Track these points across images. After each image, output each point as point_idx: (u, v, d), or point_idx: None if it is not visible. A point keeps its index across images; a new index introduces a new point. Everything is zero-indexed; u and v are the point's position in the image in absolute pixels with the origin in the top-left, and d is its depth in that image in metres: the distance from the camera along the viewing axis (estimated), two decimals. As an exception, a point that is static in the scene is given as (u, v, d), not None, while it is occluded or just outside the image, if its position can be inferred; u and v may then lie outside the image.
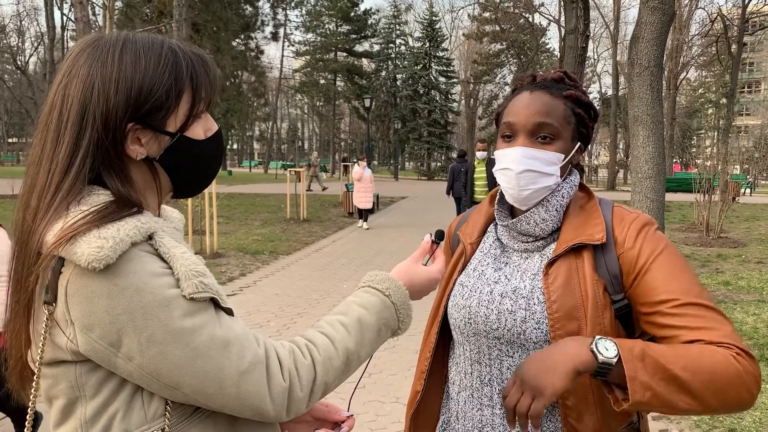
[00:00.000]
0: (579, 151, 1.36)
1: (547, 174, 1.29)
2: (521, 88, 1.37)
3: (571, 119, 1.32)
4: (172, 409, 0.94)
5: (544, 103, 1.30)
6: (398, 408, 4.33)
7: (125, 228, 0.90)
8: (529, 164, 1.28)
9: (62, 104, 0.95)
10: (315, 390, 1.02)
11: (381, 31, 54.80)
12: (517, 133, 1.31)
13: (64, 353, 0.91)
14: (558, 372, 1.07)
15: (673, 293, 1.18)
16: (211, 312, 0.94)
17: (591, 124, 1.36)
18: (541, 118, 1.28)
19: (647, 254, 1.23)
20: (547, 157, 1.29)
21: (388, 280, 1.17)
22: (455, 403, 1.41)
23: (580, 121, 1.33)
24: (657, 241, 1.25)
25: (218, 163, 1.11)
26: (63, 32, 39.34)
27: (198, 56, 1.04)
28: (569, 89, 1.33)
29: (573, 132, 1.32)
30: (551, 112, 1.29)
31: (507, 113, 1.34)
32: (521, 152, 1.28)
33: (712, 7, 34.15)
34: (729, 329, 1.15)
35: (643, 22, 6.61)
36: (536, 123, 1.28)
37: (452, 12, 70.19)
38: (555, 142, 1.30)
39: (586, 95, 1.37)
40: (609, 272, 1.25)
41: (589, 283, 1.23)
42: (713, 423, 4.06)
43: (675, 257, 1.23)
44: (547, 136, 1.29)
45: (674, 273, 1.20)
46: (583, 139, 1.36)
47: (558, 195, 1.33)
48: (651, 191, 6.57)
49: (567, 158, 1.32)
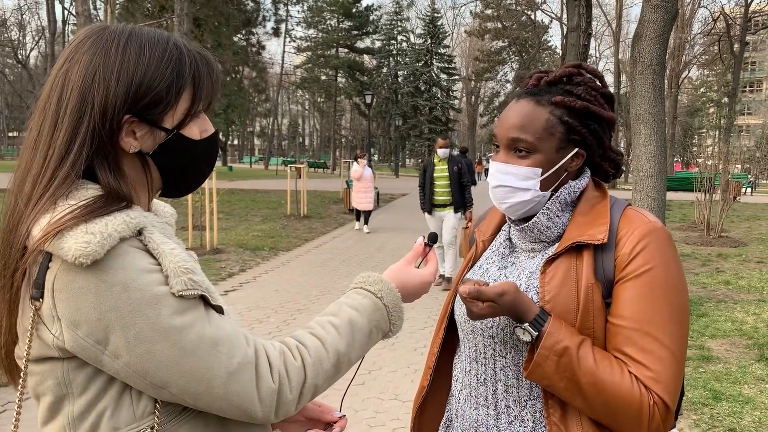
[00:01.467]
0: (578, 157, 1.30)
1: (522, 189, 1.28)
2: (516, 93, 1.36)
3: (557, 129, 1.27)
4: (161, 408, 0.93)
5: (524, 115, 1.27)
6: (397, 405, 4.32)
7: (113, 223, 0.88)
8: (501, 179, 1.30)
9: (62, 89, 0.94)
10: (304, 392, 1.00)
11: (382, 27, 54.74)
12: (499, 144, 1.33)
13: (50, 350, 0.89)
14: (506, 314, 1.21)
15: (630, 318, 1.17)
16: (200, 310, 0.92)
17: (586, 131, 1.29)
18: (516, 133, 1.27)
19: (635, 266, 1.19)
20: (521, 172, 1.28)
21: (380, 282, 1.15)
22: (456, 401, 1.41)
23: (569, 129, 1.28)
24: (654, 255, 1.19)
25: (210, 166, 1.09)
26: (64, 26, 39.28)
27: (202, 56, 1.03)
28: (563, 94, 1.28)
29: (560, 142, 1.28)
30: (527, 126, 1.27)
31: (496, 122, 1.35)
32: (495, 167, 1.32)
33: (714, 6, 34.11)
34: (668, 374, 1.14)
35: (645, 20, 6.58)
36: (511, 138, 1.29)
37: (454, 9, 70.16)
38: (531, 155, 1.28)
39: (589, 93, 1.29)
40: (605, 275, 1.22)
41: (584, 286, 1.21)
42: (712, 423, 4.05)
43: (659, 280, 1.18)
44: (523, 149, 1.28)
45: (647, 297, 1.17)
46: (584, 143, 1.30)
47: (557, 201, 1.30)
48: (652, 190, 6.55)
49: (551, 170, 1.28)
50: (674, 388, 1.14)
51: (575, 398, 1.16)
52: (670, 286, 1.18)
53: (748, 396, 4.46)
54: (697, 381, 4.74)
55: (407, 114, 50.97)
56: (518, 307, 1.19)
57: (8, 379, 0.99)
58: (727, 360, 5.24)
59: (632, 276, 1.19)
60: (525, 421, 1.26)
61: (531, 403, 1.26)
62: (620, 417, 1.14)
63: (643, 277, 1.18)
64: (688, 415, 4.19)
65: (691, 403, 4.36)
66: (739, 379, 4.79)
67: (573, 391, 1.15)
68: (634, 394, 1.13)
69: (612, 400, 1.14)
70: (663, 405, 1.13)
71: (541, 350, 1.15)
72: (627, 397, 1.13)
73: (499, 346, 1.29)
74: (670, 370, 1.14)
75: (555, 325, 1.17)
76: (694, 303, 7.13)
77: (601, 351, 1.18)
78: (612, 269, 1.22)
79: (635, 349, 1.15)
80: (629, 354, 1.16)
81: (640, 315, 1.16)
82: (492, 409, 1.31)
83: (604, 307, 1.21)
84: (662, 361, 1.14)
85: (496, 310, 1.19)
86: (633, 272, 1.19)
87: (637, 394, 1.13)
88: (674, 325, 1.16)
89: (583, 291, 1.21)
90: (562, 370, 1.14)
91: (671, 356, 1.14)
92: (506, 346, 1.28)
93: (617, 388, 1.13)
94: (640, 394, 1.13)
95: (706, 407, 4.28)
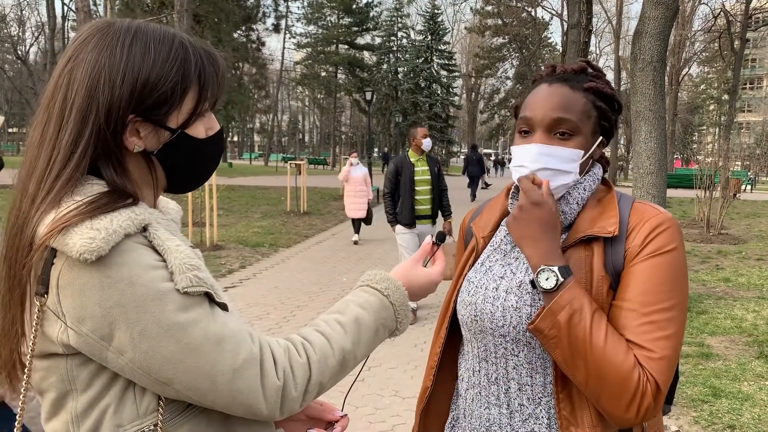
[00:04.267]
0: (601, 146, 1.32)
1: (565, 172, 1.25)
2: (540, 80, 1.33)
3: (592, 113, 1.27)
4: (165, 405, 0.93)
5: (563, 96, 1.25)
6: (397, 401, 4.33)
7: (119, 219, 0.88)
8: (545, 162, 1.24)
9: (67, 88, 0.93)
10: (309, 389, 1.00)
11: (383, 23, 54.56)
12: (534, 128, 1.26)
13: (55, 346, 0.89)
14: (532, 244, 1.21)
15: (632, 299, 1.17)
16: (205, 307, 0.92)
17: (614, 117, 1.32)
18: (559, 113, 1.24)
19: (646, 252, 1.19)
20: (565, 154, 1.24)
21: (387, 280, 1.15)
22: (463, 401, 1.39)
23: (601, 114, 1.29)
24: (665, 241, 1.19)
25: (216, 163, 1.09)
26: (64, 22, 39.18)
27: (209, 54, 1.02)
28: (591, 81, 1.29)
29: (594, 126, 1.28)
30: (570, 107, 1.24)
31: (525, 107, 1.29)
32: (537, 149, 1.24)
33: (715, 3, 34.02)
34: (664, 355, 1.12)
35: (646, 17, 6.57)
36: (554, 118, 1.24)
37: (454, 5, 70.01)
38: (574, 138, 1.25)
39: (609, 86, 1.31)
40: (614, 267, 1.22)
41: (596, 278, 1.20)
42: (712, 420, 4.05)
43: (666, 264, 1.18)
44: (566, 131, 1.24)
45: (652, 279, 1.17)
46: (605, 133, 1.32)
47: (580, 188, 1.29)
48: (652, 187, 6.55)
49: (587, 154, 1.27)
50: (668, 370, 1.13)
51: (576, 361, 1.13)
52: (676, 272, 1.18)
53: (748, 393, 4.46)
54: (697, 378, 4.75)
55: (407, 111, 50.86)
56: (553, 236, 1.20)
57: (7, 376, 0.99)
58: (727, 357, 5.25)
59: (641, 260, 1.19)
60: (540, 418, 1.25)
61: (545, 400, 1.25)
62: (608, 386, 1.12)
63: (651, 261, 1.18)
64: (688, 411, 4.20)
65: (690, 399, 4.37)
66: (739, 376, 4.80)
67: (577, 352, 1.13)
68: (633, 370, 1.11)
69: (610, 372, 1.11)
70: (655, 384, 1.11)
71: (559, 299, 1.13)
72: (628, 371, 1.10)
73: (511, 344, 1.27)
74: (666, 351, 1.13)
75: (577, 284, 1.16)
76: (694, 300, 7.14)
77: (611, 326, 1.17)
78: (621, 261, 1.21)
79: (634, 326, 1.15)
80: (628, 331, 1.15)
81: (642, 296, 1.16)
82: (505, 408, 1.29)
83: (611, 299, 1.21)
84: (659, 342, 1.13)
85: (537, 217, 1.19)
86: (643, 257, 1.19)
87: (636, 372, 1.11)
88: (675, 310, 1.16)
89: (595, 281, 1.20)
90: (574, 324, 1.12)
91: (668, 339, 1.14)
92: (518, 344, 1.26)
93: (620, 361, 1.11)
94: (636, 371, 1.11)
95: (705, 404, 4.29)
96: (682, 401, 4.35)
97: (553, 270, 1.16)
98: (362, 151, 44.02)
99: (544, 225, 1.19)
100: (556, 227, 1.21)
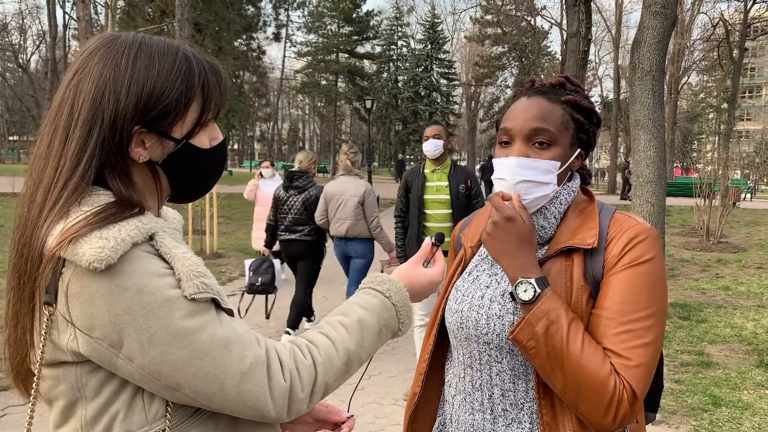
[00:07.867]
0: (579, 158, 1.35)
1: (543, 183, 1.28)
2: (520, 94, 1.36)
3: (570, 125, 1.31)
4: (172, 410, 0.94)
5: (541, 108, 1.29)
6: (397, 410, 4.33)
7: (126, 228, 0.90)
8: (524, 174, 1.27)
9: (74, 101, 0.95)
10: (316, 390, 1.02)
11: (383, 32, 54.76)
12: (513, 138, 1.30)
13: (64, 354, 0.91)
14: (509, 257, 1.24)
15: (610, 308, 1.19)
16: (212, 312, 0.94)
17: (591, 130, 1.35)
18: (537, 123, 1.27)
19: (624, 262, 1.22)
20: (543, 166, 1.27)
21: (389, 281, 1.18)
22: (450, 406, 1.42)
23: (579, 126, 1.32)
24: (642, 251, 1.22)
25: (219, 172, 1.12)
26: (65, 31, 39.30)
27: (211, 66, 1.05)
28: (569, 94, 1.32)
29: (572, 138, 1.31)
30: (548, 117, 1.28)
31: (505, 119, 1.34)
32: (515, 162, 1.28)
33: (714, 12, 34.20)
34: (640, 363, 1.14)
35: (645, 26, 6.61)
36: (532, 128, 1.28)
37: (454, 14, 70.36)
38: (552, 148, 1.28)
39: (588, 100, 1.35)
40: (594, 278, 1.25)
41: (575, 288, 1.23)
42: (712, 429, 4.05)
43: (644, 274, 1.20)
44: (544, 141, 1.28)
45: (630, 288, 1.19)
46: (583, 145, 1.35)
47: (556, 202, 1.32)
48: (652, 195, 6.57)
49: (565, 165, 1.30)
50: (645, 377, 1.15)
51: (555, 370, 1.16)
52: (653, 282, 1.21)
53: (748, 402, 4.47)
54: (697, 386, 4.75)
55: (407, 119, 50.94)
56: (529, 250, 1.22)
57: (20, 384, 1.01)
58: (727, 365, 5.25)
59: (619, 270, 1.21)
60: (522, 423, 1.28)
61: (528, 406, 1.28)
62: (585, 393, 1.14)
63: (628, 271, 1.21)
64: (688, 420, 4.20)
65: (690, 408, 4.37)
66: (739, 384, 4.80)
67: (555, 362, 1.15)
68: (609, 377, 1.13)
69: (586, 380, 1.13)
70: (632, 391, 1.13)
71: (536, 311, 1.17)
72: (604, 379, 1.13)
73: (495, 351, 1.30)
74: (642, 359, 1.15)
75: (554, 295, 1.19)
76: (694, 308, 7.14)
77: (588, 334, 1.19)
78: (600, 271, 1.24)
79: (612, 335, 1.17)
80: (606, 339, 1.17)
81: (620, 306, 1.18)
82: (488, 413, 1.32)
83: (591, 308, 1.23)
84: (636, 350, 1.15)
85: (510, 231, 1.22)
86: (620, 267, 1.22)
87: (612, 379, 1.13)
88: (652, 319, 1.18)
89: (574, 292, 1.23)
90: (551, 334, 1.15)
91: (645, 347, 1.16)
92: (501, 351, 1.29)
93: (597, 369, 1.13)
94: (612, 378, 1.14)
95: (705, 413, 4.29)
96: (682, 410, 4.36)
97: (531, 282, 1.19)
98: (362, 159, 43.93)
99: (518, 238, 1.23)
100: (531, 240, 1.24)
